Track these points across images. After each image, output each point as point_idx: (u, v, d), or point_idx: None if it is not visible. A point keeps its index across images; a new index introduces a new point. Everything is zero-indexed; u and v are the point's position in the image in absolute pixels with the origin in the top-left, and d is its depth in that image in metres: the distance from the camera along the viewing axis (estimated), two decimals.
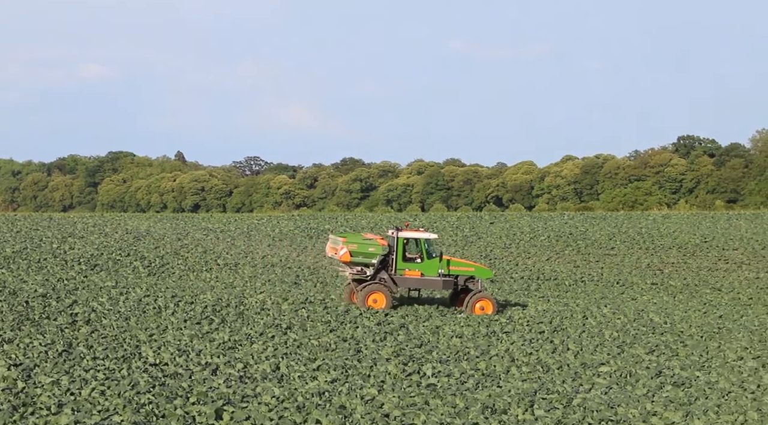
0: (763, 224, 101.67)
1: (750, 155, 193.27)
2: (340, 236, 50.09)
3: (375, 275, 48.76)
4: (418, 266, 49.03)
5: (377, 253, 48.59)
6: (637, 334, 44.15)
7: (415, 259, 49.22)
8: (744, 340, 43.67)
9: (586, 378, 34.50)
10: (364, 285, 48.46)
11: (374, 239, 49.59)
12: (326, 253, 51.87)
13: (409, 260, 49.17)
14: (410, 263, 49.09)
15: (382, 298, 48.08)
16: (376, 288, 48.20)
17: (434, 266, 49.10)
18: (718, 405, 30.69)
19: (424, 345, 39.23)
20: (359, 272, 49.07)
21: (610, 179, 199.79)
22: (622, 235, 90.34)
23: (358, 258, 48.68)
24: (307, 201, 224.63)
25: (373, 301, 48.00)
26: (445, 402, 29.53)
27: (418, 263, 49.08)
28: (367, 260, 48.69)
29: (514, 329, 43.99)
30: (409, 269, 48.95)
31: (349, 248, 48.61)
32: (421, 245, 49.23)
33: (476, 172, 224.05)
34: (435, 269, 49.09)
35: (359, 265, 48.96)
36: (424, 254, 49.07)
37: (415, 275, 48.99)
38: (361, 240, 49.39)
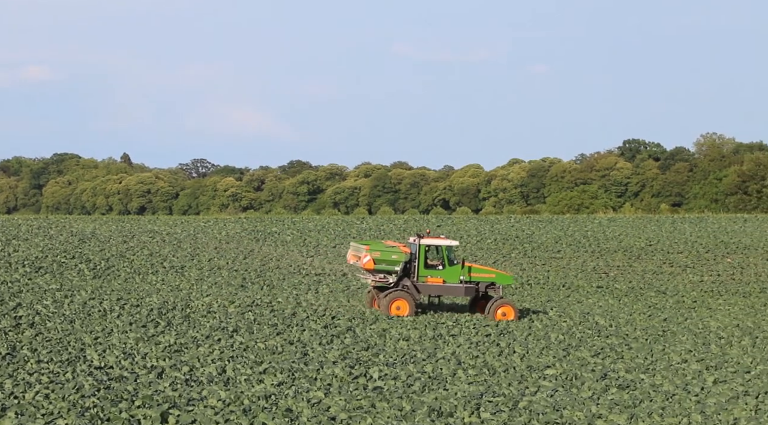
0: (707, 227, 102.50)
1: (694, 159, 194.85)
2: (362, 244, 50.28)
3: (398, 283, 49.15)
4: (439, 273, 49.46)
5: (400, 260, 48.93)
6: (583, 337, 44.37)
7: (437, 266, 49.63)
8: (688, 343, 44.00)
9: (531, 380, 34.62)
10: (387, 292, 48.78)
11: (397, 246, 49.91)
12: (348, 260, 52.15)
13: (431, 267, 49.54)
14: (432, 270, 49.48)
15: (406, 305, 48.42)
16: (400, 295, 48.55)
17: (456, 272, 49.55)
18: (662, 408, 30.88)
19: (371, 348, 39.22)
20: (381, 279, 49.35)
21: (556, 182, 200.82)
22: (568, 238, 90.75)
23: (381, 265, 48.99)
24: (254, 204, 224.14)
25: (396, 308, 48.34)
26: (392, 405, 29.52)
27: (439, 270, 49.50)
28: (390, 267, 49.01)
29: (461, 332, 44.07)
30: (431, 276, 49.39)
31: (372, 255, 48.86)
32: (443, 252, 49.69)
33: (423, 175, 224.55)
34: (456, 275, 49.50)
35: (382, 272, 49.25)
36: (445, 261, 49.53)
37: (437, 282, 49.47)
38: (384, 248, 49.60)
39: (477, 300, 50.64)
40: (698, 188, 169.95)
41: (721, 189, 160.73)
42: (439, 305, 52.15)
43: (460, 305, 52.94)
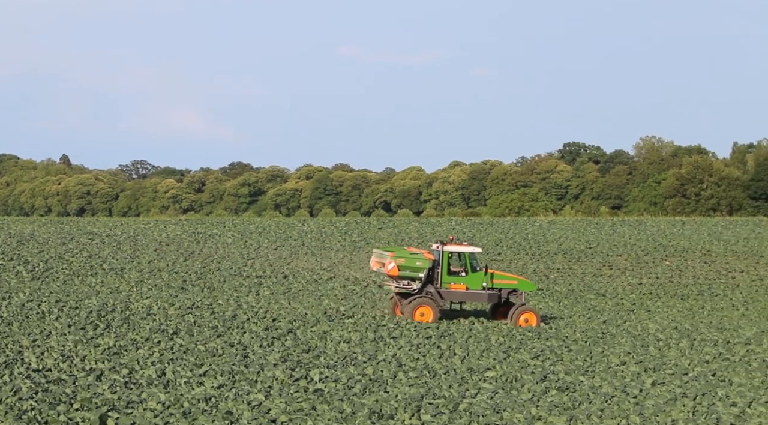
0: (647, 230, 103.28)
1: (634, 162, 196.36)
2: (386, 250, 50.65)
3: (422, 289, 49.44)
4: (462, 280, 49.87)
5: (424, 267, 49.27)
6: (523, 339, 44.54)
7: (460, 273, 49.96)
8: (627, 345, 44.28)
9: (472, 382, 34.71)
10: (411, 299, 49.19)
11: (421, 253, 50.17)
12: (371, 267, 52.32)
13: (454, 274, 49.94)
14: (455, 276, 49.89)
15: (429, 311, 48.87)
16: (424, 302, 48.97)
17: (479, 279, 49.99)
18: (601, 410, 31.07)
19: (312, 350, 39.16)
20: (405, 285, 49.57)
21: (497, 185, 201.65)
22: (509, 241, 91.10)
23: (405, 272, 49.34)
24: (194, 205, 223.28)
25: (420, 314, 48.79)
26: (332, 407, 29.49)
27: (462, 277, 49.91)
28: (414, 274, 49.33)
29: (402, 334, 44.11)
30: (455, 282, 49.82)
31: (397, 262, 49.22)
32: (466, 258, 50.02)
33: (365, 177, 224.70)
34: (479, 282, 49.95)
35: (406, 279, 49.53)
36: (468, 267, 49.89)
37: (461, 288, 49.90)
38: (409, 254, 49.91)
39: (498, 307, 51.13)
40: (637, 191, 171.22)
41: (659, 192, 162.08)
42: (461, 311, 52.63)
43: (483, 311, 53.14)
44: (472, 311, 53.49)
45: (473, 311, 53.62)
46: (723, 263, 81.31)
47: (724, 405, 32.41)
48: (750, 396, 34.01)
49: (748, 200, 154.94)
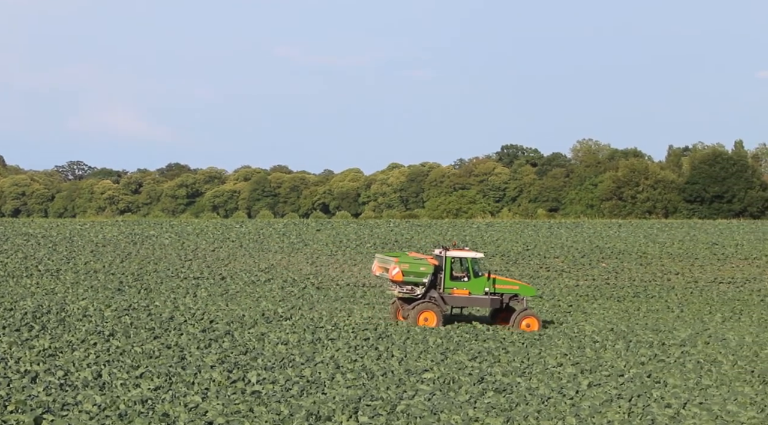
0: (583, 232, 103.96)
1: (571, 165, 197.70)
2: (390, 256, 50.93)
3: (425, 294, 49.75)
4: (465, 285, 50.19)
5: (428, 272, 49.55)
6: (461, 341, 44.66)
7: (462, 278, 50.24)
8: (564, 347, 44.53)
9: (410, 384, 34.76)
10: (415, 304, 49.44)
11: (424, 258, 50.42)
12: (373, 272, 52.54)
13: (456, 279, 50.23)
14: (457, 281, 50.17)
15: (433, 316, 49.21)
16: (428, 307, 49.31)
17: (481, 284, 50.29)
18: (538, 411, 31.22)
19: (250, 352, 39.05)
20: (409, 291, 49.81)
21: (435, 187, 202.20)
22: (447, 243, 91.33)
23: (409, 277, 49.58)
24: (131, 207, 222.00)
25: (424, 319, 49.11)
26: (270, 409, 29.43)
27: (465, 282, 50.21)
28: (418, 279, 49.62)
29: (340, 336, 44.10)
30: (457, 287, 50.10)
31: (401, 267, 49.50)
32: (468, 264, 50.35)
33: (303, 179, 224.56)
34: (482, 287, 50.26)
35: (410, 284, 49.72)
36: (470, 273, 50.24)
37: (463, 293, 50.22)
38: (413, 260, 50.19)
39: (498, 312, 51.52)
40: (574, 193, 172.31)
41: (596, 195, 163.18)
42: (461, 316, 52.85)
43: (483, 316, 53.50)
44: (470, 316, 53.77)
45: (472, 316, 53.88)
46: (658, 266, 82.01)
47: (659, 406, 32.70)
48: (684, 398, 34.34)
49: (684, 202, 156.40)
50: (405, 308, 50.04)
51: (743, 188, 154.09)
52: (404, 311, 50.10)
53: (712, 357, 43.26)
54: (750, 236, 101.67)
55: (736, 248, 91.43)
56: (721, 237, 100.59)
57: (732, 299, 67.66)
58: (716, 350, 45.37)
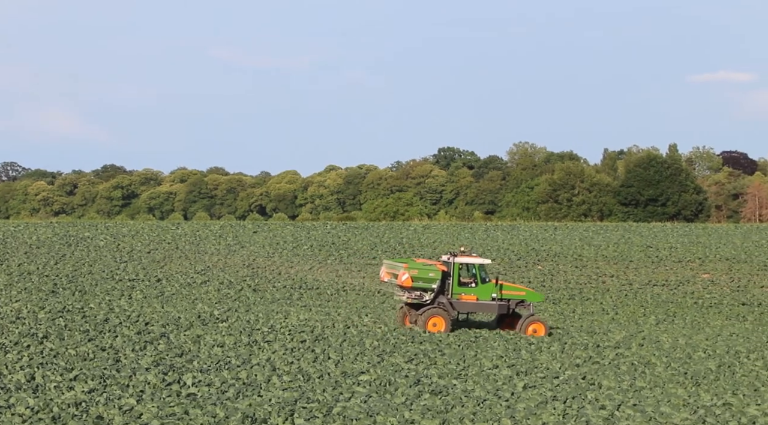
0: (519, 235, 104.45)
1: (507, 168, 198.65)
2: (399, 262, 51.25)
3: (434, 300, 50.15)
4: (473, 291, 50.64)
5: (437, 278, 49.90)
6: (397, 343, 44.71)
7: (469, 283, 50.66)
8: (499, 349, 44.72)
9: (346, 386, 34.76)
10: (424, 310, 49.91)
11: (433, 264, 50.75)
12: (381, 278, 52.81)
13: (464, 285, 50.68)
14: (465, 287, 50.62)
15: (442, 321, 49.58)
16: (437, 312, 49.71)
17: (489, 290, 50.81)
18: (473, 413, 31.33)
19: (185, 354, 38.88)
20: (417, 296, 50.04)
21: (372, 189, 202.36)
22: (384, 245, 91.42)
23: (418, 283, 49.96)
24: (66, 208, 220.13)
25: (432, 325, 49.46)
26: (205, 411, 29.32)
27: (473, 288, 50.64)
28: (427, 285, 49.99)
29: (276, 338, 44.01)
30: (465, 293, 50.54)
31: (410, 273, 49.79)
32: (476, 270, 50.79)
33: (240, 181, 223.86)
34: (489, 293, 50.76)
35: (418, 290, 50.09)
36: (478, 278, 50.76)
37: (471, 299, 50.70)
38: (422, 266, 50.52)
39: (504, 317, 51.90)
40: (511, 196, 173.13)
41: (532, 197, 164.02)
42: (467, 322, 53.18)
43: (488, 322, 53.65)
44: (469, 322, 54.14)
45: (471, 322, 54.20)
46: (593, 268, 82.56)
47: (593, 408, 32.93)
48: (619, 399, 34.60)
49: (619, 205, 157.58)
50: (412, 314, 50.70)
51: (677, 192, 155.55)
52: (412, 316, 50.74)
53: (646, 359, 43.64)
54: (684, 239, 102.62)
55: (670, 251, 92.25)
56: (655, 240, 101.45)
57: (666, 302, 68.31)
58: (650, 352, 45.78)
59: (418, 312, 50.16)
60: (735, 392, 37.35)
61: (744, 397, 36.32)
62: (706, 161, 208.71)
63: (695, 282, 77.30)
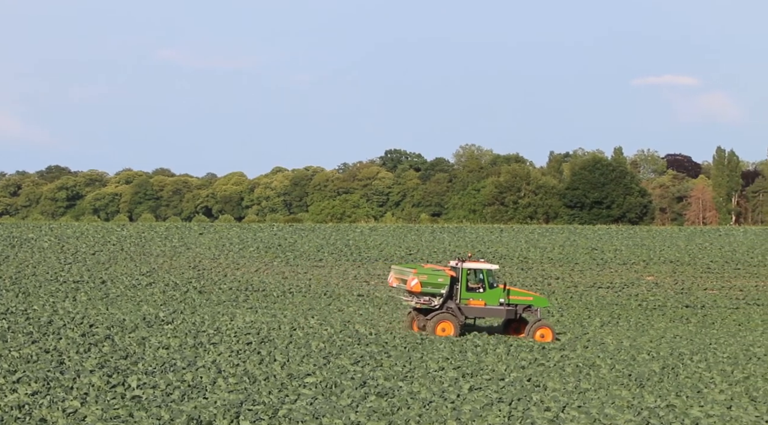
0: (465, 237, 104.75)
1: (454, 170, 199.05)
2: (408, 267, 51.86)
3: (443, 305, 50.64)
4: (481, 296, 51.12)
5: (446, 283, 50.43)
6: (343, 345, 44.69)
7: (477, 289, 51.11)
8: (445, 351, 44.79)
9: (292, 388, 34.70)
10: (433, 315, 50.40)
11: (442, 269, 51.21)
12: (389, 283, 53.36)
13: (472, 290, 51.13)
14: (473, 292, 51.07)
15: (451, 326, 50.22)
16: (445, 317, 50.33)
17: (496, 295, 51.37)
18: (419, 415, 31.37)
19: (130, 356, 38.66)
20: (426, 301, 50.52)
21: (319, 191, 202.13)
22: (330, 247, 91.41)
23: (427, 288, 50.43)
24: (9, 209, 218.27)
25: (441, 330, 50.10)
26: (150, 414, 29.17)
27: (480, 293, 51.12)
28: (436, 290, 50.48)
29: (222, 340, 43.85)
30: (473, 298, 51.05)
31: (420, 278, 50.32)
32: (484, 275, 51.27)
33: (186, 182, 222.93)
34: (497, 298, 51.33)
35: (427, 295, 50.50)
36: (486, 284, 51.25)
37: (479, 304, 51.22)
38: (431, 271, 51.09)
39: (510, 322, 52.47)
40: (457, 198, 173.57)
41: (479, 200, 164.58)
42: (475, 326, 53.48)
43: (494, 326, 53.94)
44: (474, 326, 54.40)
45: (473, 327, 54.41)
46: (539, 270, 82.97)
47: (538, 410, 33.07)
48: (564, 401, 34.77)
49: (564, 208, 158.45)
50: (420, 319, 51.18)
51: (622, 194, 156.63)
52: (420, 321, 51.21)
53: (590, 361, 43.88)
54: (628, 242, 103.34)
55: (614, 254, 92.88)
56: (600, 242, 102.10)
57: (610, 304, 68.75)
58: (595, 354, 46.04)
59: (427, 317, 50.73)
60: (678, 393, 37.65)
61: (687, 399, 36.63)
62: (650, 164, 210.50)
63: (639, 285, 77.86)
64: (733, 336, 57.34)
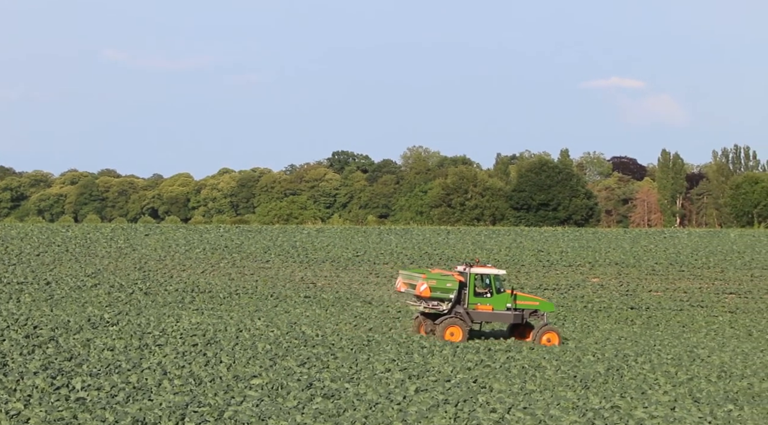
0: (413, 239, 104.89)
1: (401, 172, 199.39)
2: (416, 272, 52.52)
3: (451, 309, 51.22)
4: (488, 301, 51.68)
5: (454, 288, 51.09)
6: (290, 347, 44.63)
7: (485, 294, 51.80)
8: (392, 352, 44.85)
9: (238, 390, 34.62)
10: (442, 319, 50.97)
11: (450, 274, 51.61)
12: (397, 288, 53.85)
13: (479, 295, 51.76)
14: (481, 297, 51.69)
15: (459, 331, 50.64)
16: (454, 322, 50.83)
17: (504, 300, 51.84)
18: (365, 416, 31.39)
19: (75, 358, 38.41)
20: (434, 306, 51.16)
21: (266, 192, 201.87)
22: (277, 248, 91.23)
23: (436, 293, 51.07)
24: None
25: (450, 334, 50.50)
26: (95, 416, 29.01)
27: (488, 298, 51.73)
28: (445, 295, 51.10)
29: (167, 342, 43.66)
30: (481, 303, 51.59)
31: (429, 283, 50.93)
32: (491, 280, 52.06)
33: (132, 183, 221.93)
34: (504, 303, 51.77)
35: (436, 300, 51.14)
36: (493, 289, 51.94)
37: (487, 309, 51.75)
38: (440, 276, 51.59)
39: (516, 326, 52.81)
40: (404, 200, 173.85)
41: (426, 202, 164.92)
42: (481, 332, 53.92)
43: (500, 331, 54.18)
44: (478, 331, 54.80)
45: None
46: None
47: (484, 411, 33.19)
48: (509, 403, 34.92)
49: (511, 210, 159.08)
50: (428, 324, 51.66)
51: (568, 196, 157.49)
52: (427, 326, 51.68)
53: (536, 363, 44.09)
54: (574, 244, 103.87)
55: (560, 255, 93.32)
56: (546, 244, 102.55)
57: (556, 305, 69.07)
58: (540, 355, 46.27)
59: (436, 322, 51.18)
60: (623, 395, 37.92)
61: (632, 400, 36.90)
62: (596, 167, 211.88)
63: (585, 286, 78.28)
64: (677, 338, 57.80)
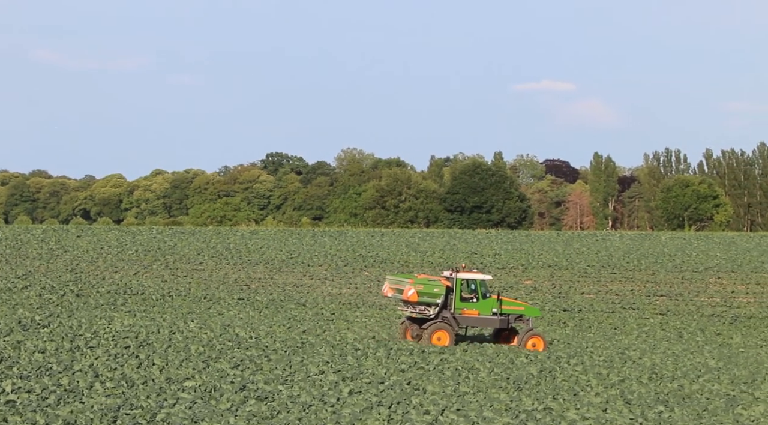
0: (347, 241, 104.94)
1: (335, 174, 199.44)
2: (403, 277, 52.76)
3: (438, 314, 51.17)
4: (474, 306, 51.76)
5: (441, 293, 51.07)
6: (223, 349, 44.47)
7: (471, 299, 51.83)
8: (326, 354, 44.83)
9: (171, 392, 34.44)
10: (429, 324, 50.99)
11: (438, 279, 52.01)
12: (384, 293, 53.52)
13: (465, 300, 51.74)
14: (467, 302, 51.73)
15: (446, 335, 50.76)
16: (441, 327, 50.90)
17: (489, 305, 51.97)
18: (299, 419, 31.36)
19: (5, 360, 38.03)
20: (422, 311, 51.32)
21: (199, 194, 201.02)
22: (211, 250, 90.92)
23: (423, 298, 51.05)
24: None
25: (437, 339, 50.62)
26: (25, 418, 28.76)
27: (474, 303, 51.77)
28: (432, 300, 51.09)
29: (99, 344, 43.34)
30: (467, 308, 51.68)
31: (416, 288, 50.92)
32: (477, 285, 52.16)
33: (63, 184, 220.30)
34: (490, 308, 51.91)
35: (423, 304, 51.15)
36: (479, 294, 51.96)
37: (473, 314, 51.84)
38: (427, 281, 51.72)
39: (501, 331, 53.00)
40: (338, 202, 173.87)
41: (360, 203, 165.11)
42: (465, 336, 53.97)
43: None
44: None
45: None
46: None
47: (417, 413, 33.27)
48: (443, 404, 35.02)
49: (445, 212, 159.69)
50: (414, 328, 51.75)
51: (502, 199, 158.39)
52: (414, 330, 51.76)
53: (469, 365, 44.24)
54: (507, 246, 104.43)
55: (494, 258, 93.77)
56: (479, 247, 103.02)
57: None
58: (474, 357, 46.44)
59: (423, 327, 51.28)
60: (555, 396, 38.15)
61: (564, 401, 37.13)
62: (529, 169, 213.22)
63: (518, 288, 78.70)
64: (609, 340, 58.27)
